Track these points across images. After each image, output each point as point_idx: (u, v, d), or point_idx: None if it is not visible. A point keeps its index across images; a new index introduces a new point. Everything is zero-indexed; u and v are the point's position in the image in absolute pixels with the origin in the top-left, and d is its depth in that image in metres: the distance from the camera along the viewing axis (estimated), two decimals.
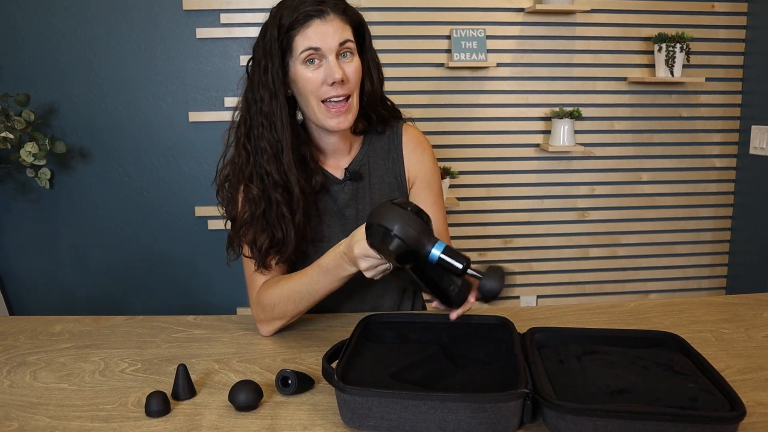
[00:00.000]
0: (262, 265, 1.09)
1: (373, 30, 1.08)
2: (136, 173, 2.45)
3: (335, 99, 1.05)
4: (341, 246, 0.96)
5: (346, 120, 1.07)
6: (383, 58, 2.65)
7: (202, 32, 2.35)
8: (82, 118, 2.39)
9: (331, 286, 1.02)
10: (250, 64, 1.10)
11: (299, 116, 1.14)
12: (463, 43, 2.40)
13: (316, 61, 1.04)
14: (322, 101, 1.05)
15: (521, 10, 2.44)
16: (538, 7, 2.36)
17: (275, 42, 1.04)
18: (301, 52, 1.03)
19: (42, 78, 2.34)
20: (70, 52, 2.34)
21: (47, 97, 2.36)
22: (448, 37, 2.43)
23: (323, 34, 1.02)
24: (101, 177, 2.44)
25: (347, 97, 1.06)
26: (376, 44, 2.51)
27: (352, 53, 1.06)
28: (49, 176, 2.30)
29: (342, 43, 1.04)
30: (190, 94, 2.41)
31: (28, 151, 2.15)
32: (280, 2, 1.06)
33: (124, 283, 2.53)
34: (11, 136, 2.11)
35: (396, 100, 1.24)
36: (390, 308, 1.24)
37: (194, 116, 2.40)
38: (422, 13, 2.41)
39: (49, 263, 2.50)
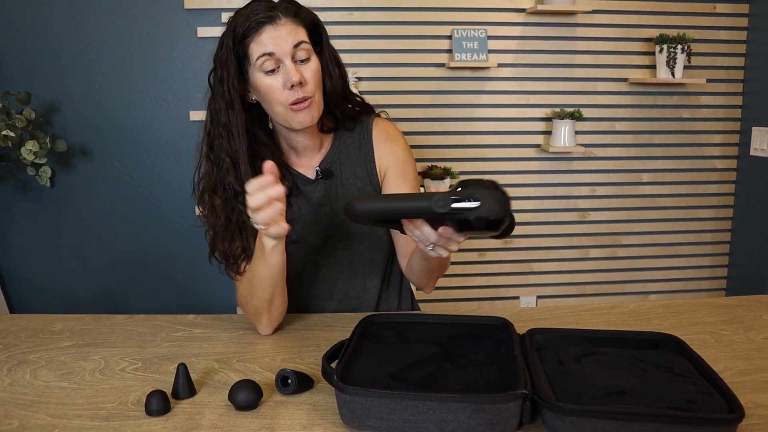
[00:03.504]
0: (236, 272, 1.12)
1: (374, 30, 1.09)
2: (136, 172, 2.45)
3: (297, 102, 1.06)
4: None
5: (310, 116, 1.08)
6: (383, 58, 2.65)
7: (203, 31, 2.35)
8: (83, 116, 2.39)
9: (272, 262, 1.01)
10: (210, 75, 1.12)
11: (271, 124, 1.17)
12: (464, 43, 2.41)
13: (274, 68, 1.05)
14: (289, 104, 1.06)
15: (522, 10, 2.44)
16: (540, 7, 2.36)
17: (231, 51, 1.06)
18: (257, 59, 1.05)
19: (43, 76, 2.35)
20: (71, 50, 2.34)
21: (48, 95, 2.36)
22: (449, 37, 2.43)
23: (276, 38, 1.04)
24: (102, 175, 2.44)
25: (308, 98, 1.07)
26: (376, 44, 2.51)
27: (308, 54, 1.07)
28: (49, 175, 2.30)
29: (296, 45, 1.05)
30: (191, 92, 2.41)
31: (29, 150, 2.15)
32: (236, 12, 1.08)
33: (124, 282, 2.53)
34: (12, 134, 2.11)
35: (397, 99, 1.24)
36: (370, 303, 1.25)
37: (195, 115, 2.40)
38: (423, 13, 2.41)
39: (49, 262, 2.50)
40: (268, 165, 0.90)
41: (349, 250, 1.21)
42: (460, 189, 0.79)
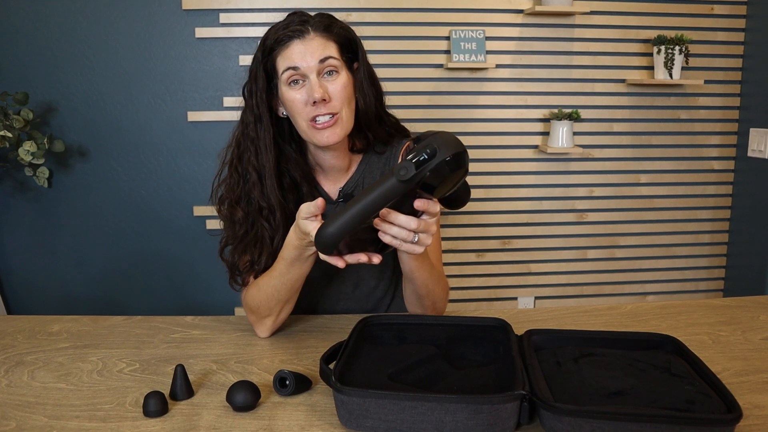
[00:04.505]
0: (242, 283, 1.12)
1: (372, 31, 1.07)
2: (134, 172, 2.45)
3: (319, 118, 1.04)
4: (293, 233, 0.97)
5: (334, 134, 1.05)
6: (382, 59, 2.65)
7: (201, 32, 2.35)
8: (81, 117, 2.39)
9: (302, 272, 1.02)
10: (245, 86, 1.10)
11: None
12: (462, 44, 2.41)
13: (300, 82, 1.04)
14: (309, 121, 1.04)
15: (520, 11, 2.44)
16: (538, 8, 2.36)
17: (260, 64, 1.06)
18: (282, 73, 1.04)
19: (41, 77, 2.34)
20: (68, 51, 2.34)
21: (46, 95, 2.36)
22: (448, 38, 2.43)
23: (302, 53, 1.02)
24: (100, 176, 2.44)
25: (333, 115, 1.04)
26: (375, 45, 2.51)
27: (336, 70, 1.05)
28: (47, 175, 2.29)
29: (323, 60, 1.03)
30: (188, 93, 2.41)
31: (27, 150, 2.15)
32: (272, 25, 1.07)
33: (122, 283, 2.53)
34: (10, 134, 2.11)
35: (395, 101, 1.23)
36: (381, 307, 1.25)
37: (193, 116, 2.40)
38: (421, 14, 2.42)
39: (47, 262, 2.50)
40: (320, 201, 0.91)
41: (356, 274, 1.20)
42: (410, 154, 0.78)
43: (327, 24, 1.06)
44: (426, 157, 0.76)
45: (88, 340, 1.07)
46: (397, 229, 0.84)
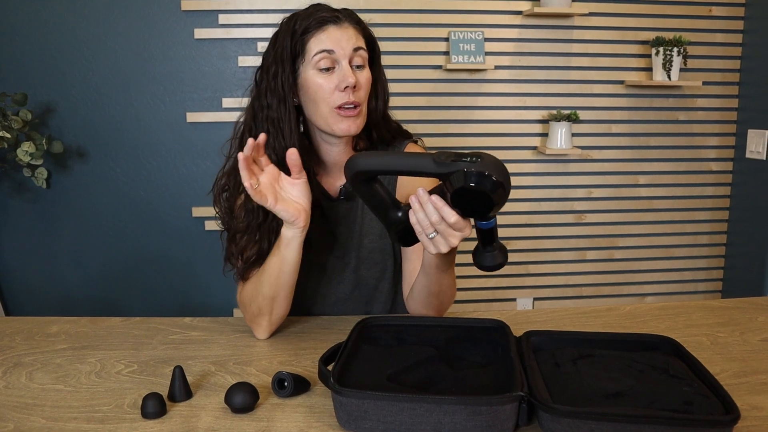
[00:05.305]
0: (243, 277, 1.10)
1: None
2: (133, 173, 2.45)
3: (347, 106, 1.04)
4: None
5: (355, 125, 1.06)
6: (381, 60, 2.64)
7: (201, 33, 2.35)
8: (80, 117, 2.39)
9: (283, 260, 1.01)
10: (258, 73, 1.09)
11: (301, 127, 1.13)
12: (461, 45, 2.41)
13: (330, 67, 1.03)
14: (335, 108, 1.04)
15: (519, 12, 2.45)
16: (536, 10, 2.37)
17: (287, 47, 1.04)
18: (315, 55, 1.03)
19: (39, 77, 2.34)
20: (67, 51, 2.34)
21: (44, 96, 2.36)
22: (447, 39, 2.44)
23: (338, 38, 1.03)
24: (98, 177, 2.44)
25: (357, 105, 1.05)
26: None
27: (364, 62, 1.06)
28: (46, 176, 2.29)
29: (356, 49, 1.04)
30: (187, 94, 2.41)
31: (25, 151, 2.15)
32: (292, 14, 1.07)
33: (120, 284, 2.52)
34: (8, 135, 2.11)
35: (393, 102, 1.23)
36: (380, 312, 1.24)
37: (192, 117, 2.40)
38: (421, 15, 2.42)
39: (45, 263, 2.50)
40: (291, 152, 0.92)
41: (356, 274, 1.20)
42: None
43: (357, 18, 1.08)
44: (468, 159, 0.80)
45: (86, 342, 1.06)
46: (422, 214, 0.85)
